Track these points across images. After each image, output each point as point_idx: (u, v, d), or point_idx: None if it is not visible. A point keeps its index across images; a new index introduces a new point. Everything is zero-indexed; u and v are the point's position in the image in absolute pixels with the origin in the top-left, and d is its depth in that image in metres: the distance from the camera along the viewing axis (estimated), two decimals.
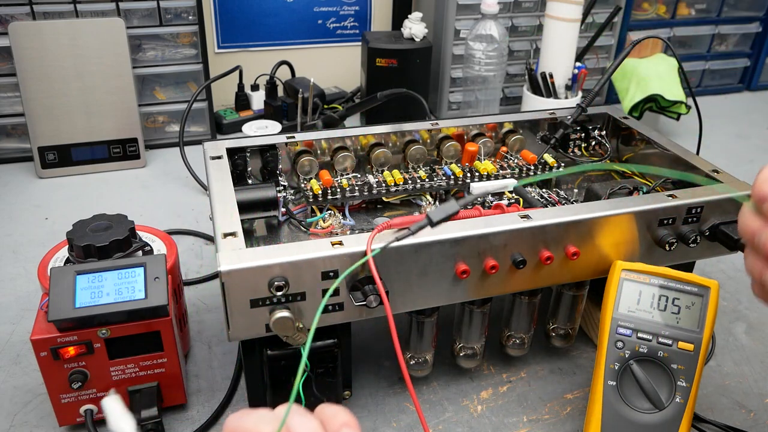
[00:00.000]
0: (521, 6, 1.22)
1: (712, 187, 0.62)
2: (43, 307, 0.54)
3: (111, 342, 0.55)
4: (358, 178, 0.70)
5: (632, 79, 1.17)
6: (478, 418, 0.62)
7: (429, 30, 1.19)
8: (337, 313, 0.53)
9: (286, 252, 0.50)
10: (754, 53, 1.48)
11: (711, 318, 0.56)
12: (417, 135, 0.74)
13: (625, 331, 0.57)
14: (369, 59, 1.16)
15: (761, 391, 0.66)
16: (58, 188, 1.01)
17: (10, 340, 0.69)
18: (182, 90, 1.13)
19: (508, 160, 0.76)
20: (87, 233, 0.59)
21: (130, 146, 1.06)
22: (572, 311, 0.66)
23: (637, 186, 0.67)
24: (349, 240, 0.52)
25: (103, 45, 1.00)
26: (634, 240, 0.60)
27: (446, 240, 0.53)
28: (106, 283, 0.54)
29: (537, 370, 0.68)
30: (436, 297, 0.56)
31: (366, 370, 0.67)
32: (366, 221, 0.68)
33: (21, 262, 0.82)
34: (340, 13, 1.30)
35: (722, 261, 0.86)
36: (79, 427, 0.59)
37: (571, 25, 1.04)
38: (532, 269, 0.58)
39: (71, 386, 0.55)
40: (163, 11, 1.06)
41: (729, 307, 0.78)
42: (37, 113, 1.00)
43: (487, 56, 1.12)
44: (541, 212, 0.58)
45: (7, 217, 0.93)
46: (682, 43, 1.44)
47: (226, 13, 1.22)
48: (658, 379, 0.56)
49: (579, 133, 0.80)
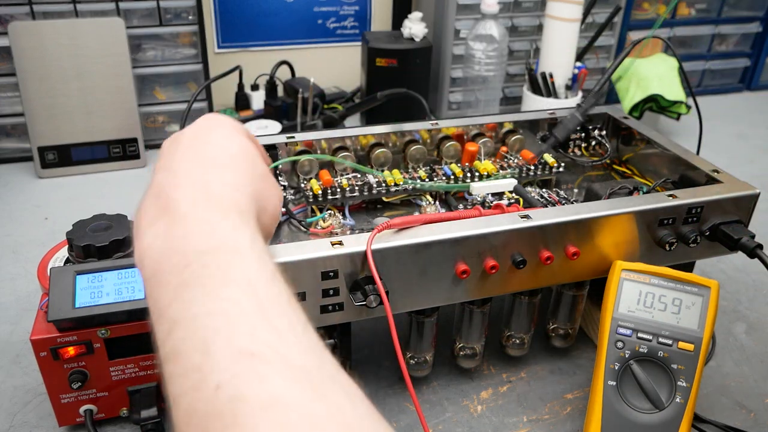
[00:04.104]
0: (521, 6, 1.22)
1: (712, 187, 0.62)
2: (43, 307, 0.54)
3: (111, 342, 0.55)
4: (358, 178, 0.70)
5: (632, 79, 1.17)
6: (478, 418, 0.62)
7: (429, 30, 1.19)
8: (337, 313, 0.53)
9: (285, 252, 0.50)
10: (754, 53, 1.48)
11: (711, 318, 0.56)
12: (417, 135, 0.74)
13: (625, 331, 0.57)
14: (369, 59, 1.15)
15: (761, 391, 0.66)
16: (58, 188, 1.01)
17: (10, 340, 0.69)
18: (182, 90, 1.13)
19: (508, 160, 0.76)
20: (87, 233, 0.59)
21: (130, 146, 1.06)
22: (572, 311, 0.66)
23: (637, 186, 0.67)
24: (349, 240, 0.52)
25: (103, 45, 1.00)
26: (634, 240, 0.60)
27: (446, 240, 0.53)
28: (106, 283, 0.54)
29: (537, 370, 0.68)
30: (436, 297, 0.56)
31: (366, 370, 0.67)
32: (366, 221, 0.68)
33: (21, 262, 0.82)
34: (340, 13, 1.30)
35: (722, 261, 0.86)
36: (79, 427, 0.59)
37: (571, 25, 1.04)
38: (532, 269, 0.58)
39: (71, 386, 0.55)
40: (163, 11, 1.06)
41: (729, 307, 0.78)
42: (37, 113, 1.00)
43: (487, 56, 1.12)
44: (541, 212, 0.58)
45: (7, 217, 0.93)
46: (682, 43, 1.44)
47: (226, 13, 1.22)
48: (658, 379, 0.55)
49: (579, 133, 0.80)
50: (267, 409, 0.24)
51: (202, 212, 0.31)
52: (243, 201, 0.34)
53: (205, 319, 0.27)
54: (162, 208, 0.32)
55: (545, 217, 0.56)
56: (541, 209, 0.59)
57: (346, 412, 0.26)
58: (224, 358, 0.26)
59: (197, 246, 0.30)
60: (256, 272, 0.30)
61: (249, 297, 0.28)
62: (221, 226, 0.31)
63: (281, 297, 0.29)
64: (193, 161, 0.35)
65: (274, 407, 0.24)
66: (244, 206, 0.33)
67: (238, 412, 0.24)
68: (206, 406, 0.25)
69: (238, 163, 0.36)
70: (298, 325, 0.28)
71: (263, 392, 0.25)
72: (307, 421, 0.24)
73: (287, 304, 0.29)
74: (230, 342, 0.26)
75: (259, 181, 0.37)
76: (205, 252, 0.30)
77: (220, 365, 0.25)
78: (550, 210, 0.59)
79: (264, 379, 0.25)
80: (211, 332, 0.27)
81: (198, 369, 0.26)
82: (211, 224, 0.31)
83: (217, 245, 0.30)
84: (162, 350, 0.28)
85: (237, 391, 0.25)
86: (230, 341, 0.26)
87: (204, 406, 0.25)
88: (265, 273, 0.30)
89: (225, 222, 0.31)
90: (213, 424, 0.24)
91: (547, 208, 0.60)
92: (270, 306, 0.28)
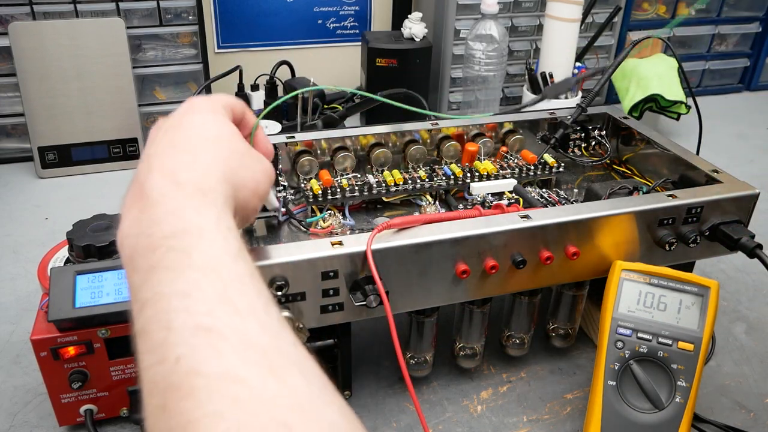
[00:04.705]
0: (521, 6, 1.22)
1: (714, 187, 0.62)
2: (43, 307, 0.54)
3: (111, 342, 0.55)
4: (358, 178, 0.70)
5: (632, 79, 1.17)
6: (478, 418, 0.62)
7: (429, 30, 1.19)
8: (337, 313, 0.53)
9: (286, 252, 0.50)
10: (754, 53, 1.48)
11: (711, 318, 0.56)
12: (417, 135, 0.74)
13: (625, 331, 0.57)
14: (369, 59, 1.15)
15: (761, 391, 0.66)
16: (58, 188, 1.01)
17: (10, 340, 0.69)
18: (182, 90, 1.13)
19: (508, 160, 0.76)
20: (87, 233, 0.59)
21: (130, 146, 1.06)
22: (572, 311, 0.66)
23: (637, 186, 0.67)
24: (349, 240, 0.52)
25: (103, 45, 1.00)
26: (634, 240, 0.60)
27: (446, 240, 0.53)
28: (106, 283, 0.54)
29: (537, 370, 0.68)
30: (436, 297, 0.56)
31: (366, 370, 0.67)
32: (366, 221, 0.68)
33: (21, 262, 0.82)
34: (340, 13, 1.30)
35: (722, 261, 0.86)
36: (79, 427, 0.59)
37: (571, 25, 1.03)
38: (532, 269, 0.58)
39: (71, 386, 0.55)
40: (163, 11, 1.06)
41: (729, 307, 0.78)
42: (37, 113, 1.00)
43: (487, 56, 1.12)
44: (541, 212, 0.58)
45: (7, 217, 0.93)
46: (682, 43, 1.44)
47: (226, 13, 1.22)
48: (658, 379, 0.56)
49: (579, 133, 0.79)
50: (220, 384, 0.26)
51: (169, 199, 0.33)
52: (211, 183, 0.36)
53: (169, 298, 0.29)
54: (137, 196, 0.34)
55: (545, 217, 0.56)
56: (541, 209, 0.59)
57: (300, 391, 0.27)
58: (184, 332, 0.27)
59: (164, 231, 0.32)
60: (219, 253, 0.31)
61: (211, 278, 0.30)
62: (186, 210, 0.33)
63: (244, 277, 0.31)
64: (166, 147, 0.37)
65: (227, 382, 0.26)
66: (211, 188, 0.35)
67: (194, 384, 0.26)
68: (166, 378, 0.27)
69: (210, 145, 0.38)
70: (258, 303, 0.30)
71: (218, 367, 0.26)
72: (258, 397, 0.25)
73: (250, 284, 0.31)
74: (190, 318, 0.28)
75: (234, 159, 0.39)
76: (171, 236, 0.31)
77: (179, 339, 0.27)
78: (550, 210, 0.59)
79: (220, 355, 0.27)
80: (174, 310, 0.28)
81: (161, 344, 0.28)
82: (176, 209, 0.33)
83: (183, 229, 0.32)
84: (134, 329, 0.30)
85: (194, 365, 0.26)
86: (190, 318, 0.28)
87: (164, 379, 0.27)
88: (229, 253, 0.32)
89: (190, 206, 0.33)
90: (171, 395, 0.26)
91: (547, 208, 0.60)
92: (232, 285, 0.30)
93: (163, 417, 0.26)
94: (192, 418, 0.25)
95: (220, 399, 0.25)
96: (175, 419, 0.26)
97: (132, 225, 0.33)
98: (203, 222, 0.33)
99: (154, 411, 0.27)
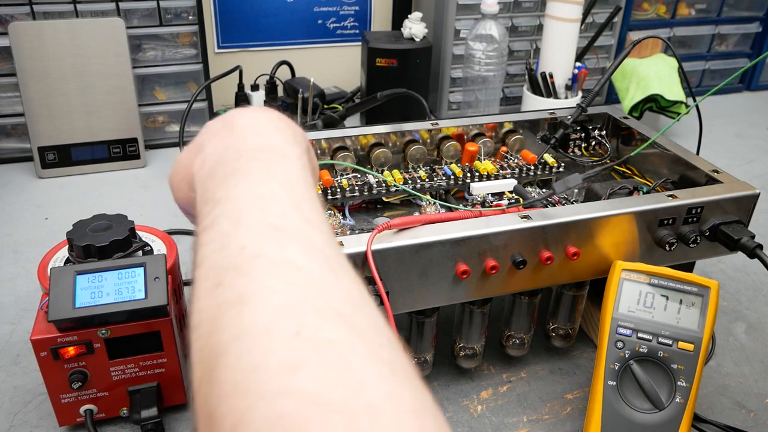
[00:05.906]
0: (521, 6, 1.22)
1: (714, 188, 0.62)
2: (43, 307, 0.54)
3: (111, 342, 0.55)
4: (358, 178, 0.70)
5: (632, 79, 1.17)
6: (478, 418, 0.62)
7: (429, 30, 1.19)
8: None
9: None
10: (754, 53, 1.48)
11: (711, 318, 0.56)
12: (417, 135, 0.74)
13: (625, 331, 0.57)
14: (369, 59, 1.15)
15: (761, 391, 0.66)
16: (58, 188, 1.01)
17: (10, 340, 0.69)
18: (182, 90, 1.13)
19: (508, 160, 0.76)
20: (87, 233, 0.59)
21: (130, 146, 1.06)
22: (572, 311, 0.66)
23: (637, 186, 0.67)
24: (349, 240, 0.52)
25: (103, 45, 1.00)
26: (634, 240, 0.60)
27: (446, 240, 0.53)
28: (106, 283, 0.54)
29: (537, 370, 0.68)
30: (437, 297, 0.56)
31: None
32: (366, 221, 0.68)
33: (21, 262, 0.82)
34: (340, 13, 1.30)
35: (722, 261, 0.86)
36: (79, 427, 0.59)
37: (571, 25, 1.04)
38: (532, 269, 0.58)
39: (71, 386, 0.55)
40: (163, 11, 1.06)
41: (729, 307, 0.78)
42: (37, 113, 1.00)
43: (487, 56, 1.12)
44: (541, 212, 0.58)
45: (7, 217, 0.93)
46: (682, 43, 1.44)
47: (226, 13, 1.22)
48: (658, 379, 0.56)
49: (579, 133, 0.80)
50: (280, 267, 0.26)
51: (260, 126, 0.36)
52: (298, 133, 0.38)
53: (245, 199, 0.30)
54: (224, 127, 0.36)
55: (545, 217, 0.56)
56: (541, 209, 0.59)
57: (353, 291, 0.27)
58: (253, 227, 0.28)
59: (251, 145, 0.34)
60: (298, 175, 0.33)
61: (287, 190, 0.31)
62: (276, 138, 0.35)
63: (316, 202, 0.32)
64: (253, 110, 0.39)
65: (287, 267, 0.26)
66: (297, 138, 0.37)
67: (254, 264, 0.26)
68: (227, 261, 0.27)
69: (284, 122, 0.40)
70: (324, 224, 0.31)
71: (280, 255, 0.27)
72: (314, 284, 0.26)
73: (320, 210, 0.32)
74: (262, 217, 0.29)
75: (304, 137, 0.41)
76: (257, 149, 0.33)
77: (248, 231, 0.28)
78: (550, 210, 0.59)
79: (285, 248, 0.27)
80: (246, 209, 0.29)
81: (227, 234, 0.28)
82: (266, 134, 0.35)
83: (270, 147, 0.34)
84: (200, 227, 0.31)
85: (258, 250, 0.27)
86: (262, 217, 0.29)
87: (225, 261, 0.27)
88: (306, 180, 0.33)
89: (279, 137, 0.35)
90: (228, 274, 0.26)
91: (547, 208, 0.60)
92: (304, 203, 0.31)
93: (215, 293, 0.26)
94: (245, 291, 0.25)
95: (278, 278, 0.25)
96: (227, 293, 0.25)
97: (217, 147, 0.35)
98: (288, 150, 0.34)
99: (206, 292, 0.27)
